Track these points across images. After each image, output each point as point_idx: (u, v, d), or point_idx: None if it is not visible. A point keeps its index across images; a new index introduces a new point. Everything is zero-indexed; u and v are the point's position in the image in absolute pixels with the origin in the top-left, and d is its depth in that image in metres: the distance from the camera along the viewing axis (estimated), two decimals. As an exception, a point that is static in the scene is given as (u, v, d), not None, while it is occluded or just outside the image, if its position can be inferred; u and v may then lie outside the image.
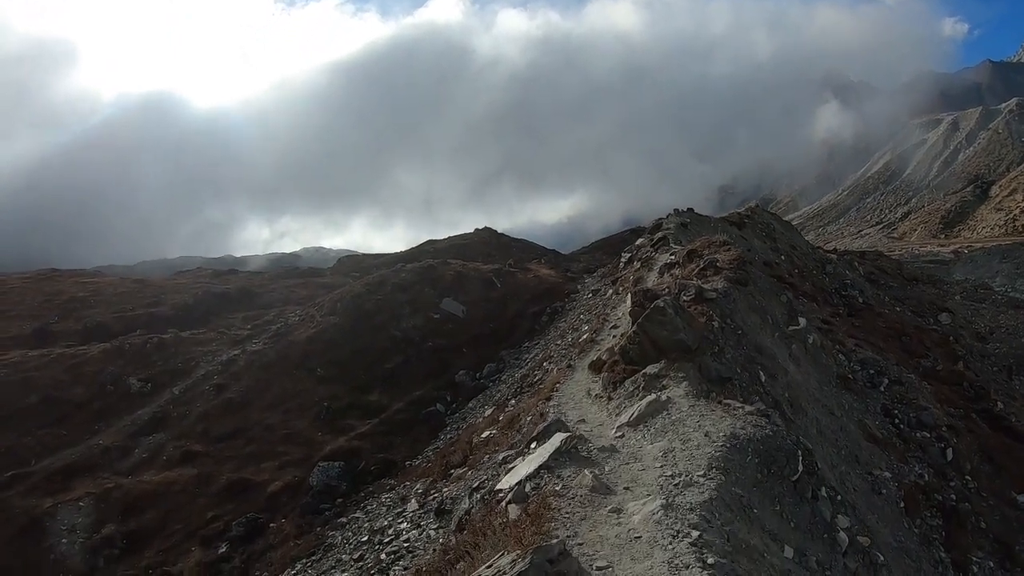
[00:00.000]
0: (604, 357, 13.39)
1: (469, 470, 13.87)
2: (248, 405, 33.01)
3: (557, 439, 9.10)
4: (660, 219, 48.21)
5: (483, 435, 16.52)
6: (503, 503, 8.05)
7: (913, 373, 27.99)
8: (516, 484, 8.15)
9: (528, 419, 13.12)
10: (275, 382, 34.68)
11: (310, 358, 36.55)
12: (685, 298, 14.43)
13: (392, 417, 31.82)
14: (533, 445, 9.79)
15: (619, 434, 9.64)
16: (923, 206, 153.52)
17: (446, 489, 13.65)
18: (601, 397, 11.95)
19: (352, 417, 32.19)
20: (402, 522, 14.08)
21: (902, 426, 22.48)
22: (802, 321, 21.39)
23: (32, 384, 35.27)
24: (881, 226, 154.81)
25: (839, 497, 9.30)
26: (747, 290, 16.80)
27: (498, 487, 8.88)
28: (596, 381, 12.86)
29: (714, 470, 7.98)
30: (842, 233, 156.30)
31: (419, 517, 13.36)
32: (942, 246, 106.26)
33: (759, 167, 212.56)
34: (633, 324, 13.06)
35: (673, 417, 9.59)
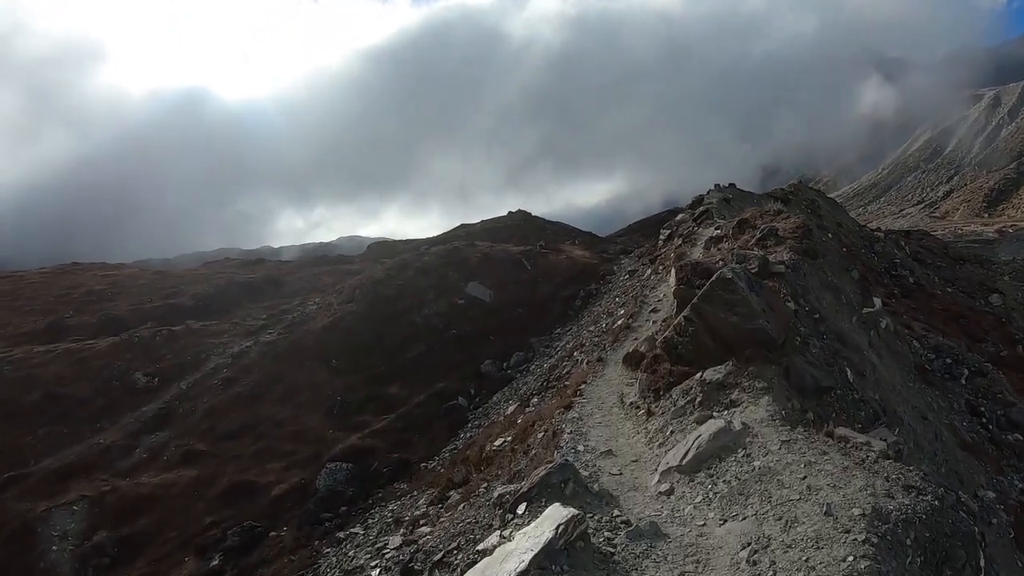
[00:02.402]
0: (642, 349, 10.40)
1: (463, 502, 11.03)
2: (257, 399, 30.70)
3: (552, 519, 5.52)
4: (700, 195, 44.77)
5: (496, 443, 13.72)
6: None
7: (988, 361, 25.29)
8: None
9: (539, 436, 10.13)
10: (287, 374, 32.30)
11: (325, 348, 34.08)
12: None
13: (411, 411, 29.19)
14: (521, 510, 6.45)
15: (665, 487, 6.33)
16: (966, 184, 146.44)
17: (429, 532, 10.83)
18: (638, 408, 8.81)
19: (368, 412, 29.65)
20: (376, 567, 11.34)
21: (991, 426, 19.49)
22: (876, 302, 18.11)
23: (35, 380, 33.45)
24: (923, 205, 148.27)
25: None
26: (817, 263, 13.56)
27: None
28: (631, 383, 9.76)
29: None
30: (883, 212, 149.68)
31: (392, 565, 10.57)
32: (986, 225, 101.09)
33: (801, 146, 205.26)
34: (681, 307, 9.91)
35: (756, 464, 6.07)
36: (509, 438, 13.03)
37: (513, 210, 79.17)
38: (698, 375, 8.36)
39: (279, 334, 36.05)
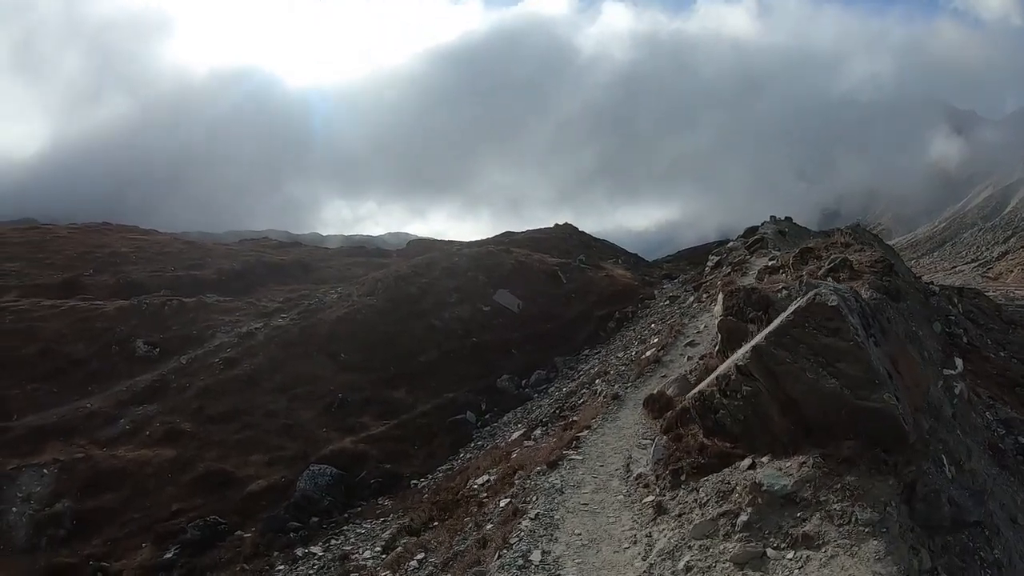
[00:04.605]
0: (669, 392, 7.94)
1: (397, 570, 8.66)
2: (255, 385, 28.70)
3: None
4: (754, 226, 41.99)
5: (478, 481, 11.34)
6: None
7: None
8: None
9: (502, 504, 7.62)
10: (291, 363, 30.29)
11: (336, 341, 32.01)
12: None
13: (414, 420, 26.94)
14: None
15: None
16: (1022, 247, 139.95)
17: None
18: (646, 490, 6.15)
19: (368, 414, 27.49)
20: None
21: (1067, 528, 16.25)
22: (958, 363, 15.23)
23: (35, 335, 32.07)
24: (976, 264, 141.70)
25: None
26: (900, 308, 10.90)
27: None
28: (647, 443, 7.24)
29: None
30: (935, 267, 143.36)
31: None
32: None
33: (863, 191, 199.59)
34: (727, 345, 7.13)
35: None
36: (493, 479, 10.67)
37: (560, 223, 76.59)
38: (746, 463, 5.12)
39: (291, 320, 34.14)
